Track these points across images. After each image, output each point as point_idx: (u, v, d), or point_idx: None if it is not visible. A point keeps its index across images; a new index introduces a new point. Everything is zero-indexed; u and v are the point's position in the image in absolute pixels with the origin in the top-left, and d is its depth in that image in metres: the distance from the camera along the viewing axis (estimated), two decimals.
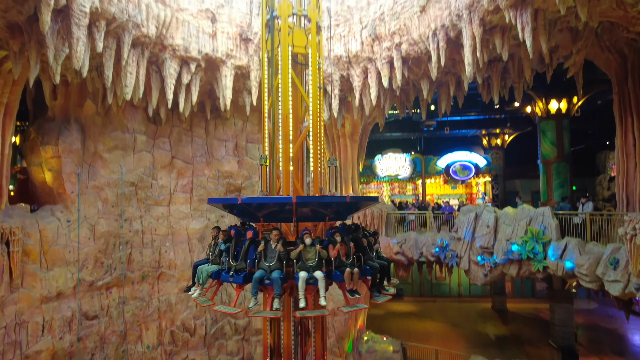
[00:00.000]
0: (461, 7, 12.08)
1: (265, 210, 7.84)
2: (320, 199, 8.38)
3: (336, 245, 6.86)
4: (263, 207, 7.82)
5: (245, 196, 15.05)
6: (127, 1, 12.15)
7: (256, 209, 7.80)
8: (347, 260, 6.88)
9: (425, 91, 16.52)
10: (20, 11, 10.64)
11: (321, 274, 6.63)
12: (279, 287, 6.58)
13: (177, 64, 14.52)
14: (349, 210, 9.09)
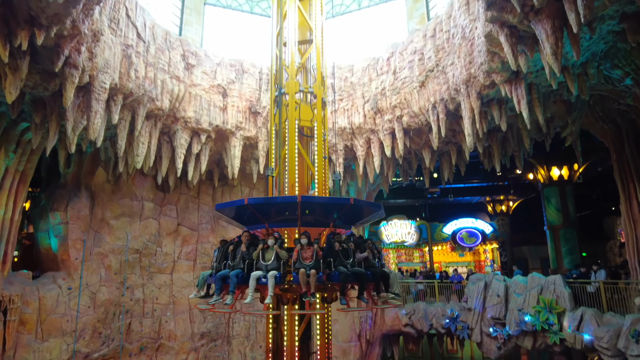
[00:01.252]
0: (459, 83, 12.78)
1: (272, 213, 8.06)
2: (324, 199, 8.63)
3: (297, 246, 7.08)
4: (269, 210, 8.03)
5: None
6: (144, 77, 13.02)
7: (262, 213, 7.99)
8: (308, 263, 6.91)
9: (427, 160, 16.92)
10: (46, 88, 11.41)
11: (274, 273, 6.78)
12: (233, 284, 6.89)
13: (188, 135, 15.16)
14: (352, 218, 9.00)
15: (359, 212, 9.02)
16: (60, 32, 9.35)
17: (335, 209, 8.22)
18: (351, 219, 9.03)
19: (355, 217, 9.07)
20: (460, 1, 12.22)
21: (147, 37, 13.12)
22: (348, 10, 19.65)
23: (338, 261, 7.15)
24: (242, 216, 8.66)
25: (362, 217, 9.26)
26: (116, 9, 11.72)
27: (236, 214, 8.85)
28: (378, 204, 9.45)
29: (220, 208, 8.67)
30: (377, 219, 10.24)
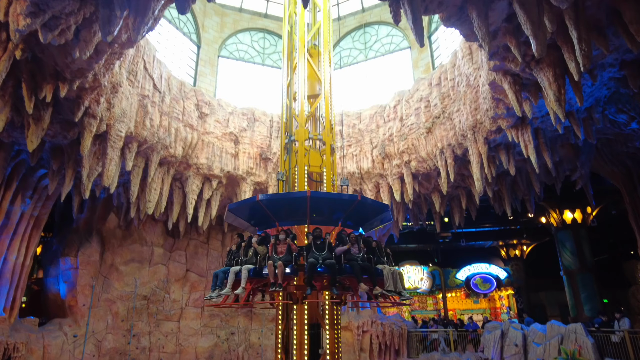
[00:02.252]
0: (465, 128, 12.99)
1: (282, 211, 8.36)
2: (333, 195, 8.98)
3: (270, 241, 7.54)
4: (280, 207, 8.35)
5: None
6: (158, 126, 13.48)
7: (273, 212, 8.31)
8: (280, 256, 7.31)
9: (437, 204, 16.87)
10: (65, 136, 11.86)
11: (247, 267, 7.41)
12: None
13: (200, 181, 15.43)
14: (361, 219, 9.09)
15: (367, 211, 9.00)
16: (82, 85, 9.87)
17: (343, 205, 8.37)
18: (360, 220, 9.12)
19: (364, 217, 9.12)
20: (464, 51, 12.69)
21: (163, 87, 13.74)
22: (355, 61, 20.47)
23: (311, 254, 7.34)
24: (255, 217, 9.03)
25: (370, 217, 9.24)
26: (135, 62, 12.39)
27: (249, 215, 9.08)
28: (385, 204, 9.55)
29: (233, 207, 8.85)
30: (386, 222, 10.18)
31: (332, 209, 8.52)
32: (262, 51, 20.50)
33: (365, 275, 7.36)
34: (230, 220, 9.54)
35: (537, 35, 6.80)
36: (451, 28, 8.39)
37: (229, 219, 9.43)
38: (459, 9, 7.58)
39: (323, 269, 7.14)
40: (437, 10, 7.49)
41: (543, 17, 6.95)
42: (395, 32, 19.67)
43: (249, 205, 8.64)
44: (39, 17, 6.41)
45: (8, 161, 12.61)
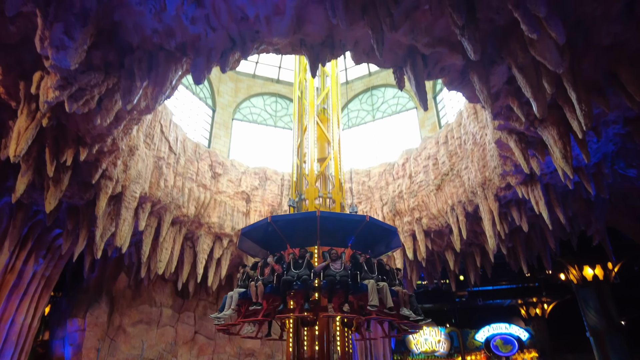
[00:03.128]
0: (474, 185, 13.04)
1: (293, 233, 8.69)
2: (342, 215, 9.10)
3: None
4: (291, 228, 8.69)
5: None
6: (172, 186, 13.81)
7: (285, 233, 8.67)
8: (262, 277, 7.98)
9: (451, 262, 16.51)
10: (82, 197, 12.19)
11: (238, 290, 8.24)
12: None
13: (211, 240, 15.47)
14: (370, 242, 9.20)
15: (375, 234, 9.14)
16: (101, 148, 10.32)
17: (352, 224, 8.62)
18: (370, 242, 9.20)
19: (373, 240, 9.21)
20: (469, 111, 13.07)
21: (178, 149, 14.25)
22: (363, 121, 21.15)
23: (303, 272, 7.63)
24: (268, 242, 9.27)
25: (378, 240, 9.32)
26: (152, 126, 12.99)
27: (262, 239, 9.39)
28: (393, 227, 9.60)
29: (246, 231, 9.28)
30: (395, 247, 10.25)
31: (342, 229, 8.71)
32: (274, 114, 21.37)
33: (343, 290, 7.36)
34: (244, 248, 9.93)
35: (537, 98, 7.04)
36: (454, 91, 8.72)
37: (242, 245, 9.73)
38: (460, 73, 7.94)
39: (299, 285, 7.40)
40: (440, 76, 7.86)
41: (541, 80, 7.23)
42: (401, 94, 20.45)
43: (262, 228, 8.89)
44: (66, 89, 6.90)
45: (26, 221, 12.90)
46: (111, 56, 6.81)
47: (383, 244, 9.56)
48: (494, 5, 6.47)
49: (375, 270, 8.09)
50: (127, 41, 6.76)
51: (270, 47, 7.00)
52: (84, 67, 6.82)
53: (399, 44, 7.15)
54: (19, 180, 10.03)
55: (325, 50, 6.93)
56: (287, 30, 6.38)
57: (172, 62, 6.83)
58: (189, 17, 6.18)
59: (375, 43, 6.08)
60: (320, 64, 7.05)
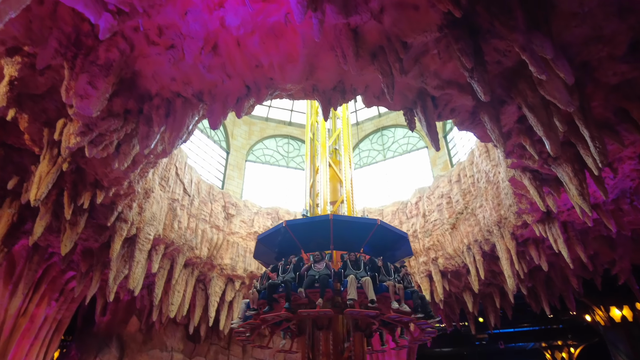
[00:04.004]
0: (490, 224, 12.82)
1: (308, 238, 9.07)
2: (354, 218, 9.46)
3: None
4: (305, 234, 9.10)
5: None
6: (186, 228, 13.88)
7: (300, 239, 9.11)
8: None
9: (469, 304, 15.96)
10: (97, 240, 12.30)
11: (245, 300, 9.03)
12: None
13: (223, 282, 15.32)
14: (380, 247, 9.56)
15: (385, 238, 9.60)
16: (117, 191, 10.52)
17: (363, 228, 9.09)
18: (381, 247, 9.59)
19: (382, 245, 9.62)
20: (480, 149, 13.09)
21: (193, 191, 14.44)
22: (374, 161, 21.30)
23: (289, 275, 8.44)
24: (283, 247, 9.67)
25: (389, 245, 9.76)
26: (167, 168, 13.26)
27: (278, 245, 9.83)
28: (403, 232, 10.02)
29: (263, 237, 9.81)
30: (407, 256, 10.60)
31: (354, 234, 9.16)
32: (286, 155, 21.69)
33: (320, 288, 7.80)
34: (260, 257, 10.39)
35: (549, 136, 7.04)
36: (466, 131, 8.79)
37: (258, 254, 10.36)
38: (471, 114, 8.04)
39: (281, 287, 8.15)
40: (450, 117, 7.96)
41: (553, 118, 7.26)
42: (411, 134, 20.68)
43: (278, 234, 9.37)
44: (87, 135, 7.16)
45: (41, 264, 12.98)
46: (130, 103, 7.09)
47: (395, 250, 10.02)
48: (501, 49, 6.64)
49: (362, 267, 8.50)
50: (146, 89, 7.06)
51: (283, 92, 7.23)
52: (105, 114, 7.10)
53: (408, 87, 7.33)
54: (37, 223, 10.22)
55: (337, 94, 7.13)
56: (300, 76, 6.61)
57: (189, 108, 7.08)
58: (206, 66, 6.46)
59: (386, 87, 6.23)
60: (332, 107, 7.22)
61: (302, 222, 9.35)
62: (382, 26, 6.21)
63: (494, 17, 5.75)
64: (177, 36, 6.04)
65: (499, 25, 5.74)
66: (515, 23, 5.51)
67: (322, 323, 8.71)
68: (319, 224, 9.01)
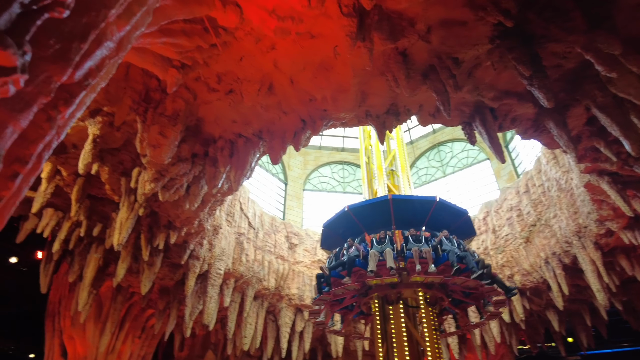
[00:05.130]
0: (568, 234, 11.90)
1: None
2: (411, 197, 9.96)
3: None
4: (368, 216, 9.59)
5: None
6: (253, 260, 14.28)
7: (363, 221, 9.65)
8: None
9: (555, 323, 14.69)
10: (172, 278, 13.00)
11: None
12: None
13: (292, 313, 15.42)
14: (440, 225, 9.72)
15: (445, 216, 9.84)
16: (189, 231, 11.14)
17: (423, 206, 9.41)
18: (440, 225, 9.81)
19: (444, 224, 9.81)
20: (547, 156, 12.35)
21: (257, 224, 14.90)
22: (433, 178, 20.77)
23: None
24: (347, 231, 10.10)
25: (449, 222, 9.91)
26: (232, 204, 13.84)
27: (343, 229, 10.28)
28: (463, 208, 10.05)
29: (328, 224, 10.36)
30: (469, 235, 10.59)
31: (414, 212, 9.51)
32: (342, 180, 21.83)
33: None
34: (327, 245, 10.98)
35: (627, 135, 6.52)
36: (530, 140, 8.39)
37: (325, 243, 11.03)
38: (534, 122, 7.68)
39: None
40: (512, 127, 7.66)
41: (629, 116, 6.73)
42: (470, 147, 20.00)
43: (342, 218, 9.89)
44: (160, 181, 7.73)
45: (124, 303, 13.90)
46: (197, 147, 7.59)
47: (456, 228, 10.12)
48: (560, 52, 6.34)
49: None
50: (210, 133, 7.53)
51: (337, 122, 7.39)
52: (175, 160, 7.64)
53: (464, 101, 7.18)
54: (119, 265, 11.06)
55: (391, 117, 7.15)
56: (353, 104, 6.73)
57: (251, 147, 7.44)
58: (263, 105, 6.79)
59: (442, 104, 6.16)
60: (387, 130, 7.23)
61: (363, 205, 9.84)
62: (431, 45, 6.20)
63: (549, 21, 5.54)
64: (235, 81, 6.43)
65: (555, 29, 5.52)
66: (573, 24, 5.27)
67: (391, 298, 9.05)
68: (380, 204, 9.43)
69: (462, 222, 9.99)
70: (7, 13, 1.29)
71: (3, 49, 1.26)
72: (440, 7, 5.62)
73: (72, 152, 8.97)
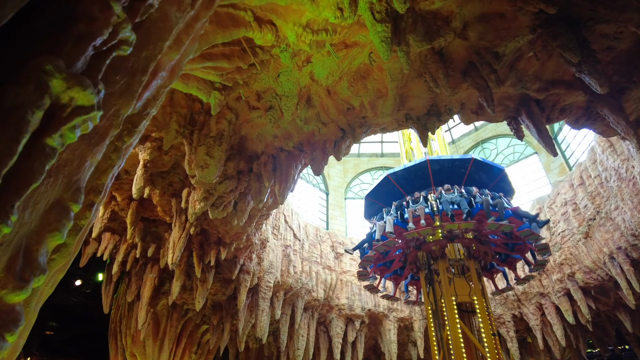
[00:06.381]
0: (634, 226, 11.09)
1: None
2: (448, 157, 10.30)
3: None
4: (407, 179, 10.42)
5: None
6: (300, 272, 14.35)
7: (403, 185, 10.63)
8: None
9: (627, 323, 13.64)
10: (224, 293, 13.29)
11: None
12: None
13: (343, 323, 15.31)
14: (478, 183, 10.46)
15: (483, 175, 10.57)
16: (238, 246, 11.37)
17: (460, 165, 10.07)
18: (479, 185, 10.49)
19: (480, 183, 10.54)
20: (602, 145, 11.63)
21: (302, 235, 15.00)
22: None
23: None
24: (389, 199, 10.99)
25: (486, 181, 10.63)
26: (277, 218, 14.02)
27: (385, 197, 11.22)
28: (500, 166, 10.76)
29: (370, 194, 11.54)
30: (509, 192, 11.28)
31: (453, 172, 10.11)
32: None
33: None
34: (369, 215, 11.88)
35: None
36: (582, 129, 7.94)
37: (367, 213, 12.00)
38: (585, 110, 7.27)
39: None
40: (561, 117, 7.29)
41: None
42: (516, 142, 19.22)
43: (382, 186, 10.85)
44: (209, 200, 7.97)
45: (179, 320, 14.36)
46: (241, 165, 7.77)
47: (494, 187, 10.84)
48: (610, 33, 5.99)
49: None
50: (253, 149, 7.70)
51: (377, 127, 7.33)
52: (222, 178, 7.86)
53: (508, 96, 6.92)
54: (173, 284, 11.45)
55: (432, 118, 7.01)
56: (392, 109, 6.66)
57: (293, 160, 7.53)
58: (302, 119, 6.87)
59: (485, 101, 5.97)
60: (430, 132, 7.10)
61: (403, 169, 10.67)
62: (469, 42, 6.04)
63: (596, 2, 5.25)
64: (274, 97, 6.56)
65: (604, 9, 5.23)
66: (625, 1, 4.96)
67: (436, 254, 9.64)
68: (419, 168, 10.10)
69: (500, 180, 10.71)
70: (83, 57, 1.40)
71: (83, 90, 1.36)
72: (476, 2, 5.47)
73: (124, 178, 9.46)
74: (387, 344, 15.29)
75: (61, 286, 17.17)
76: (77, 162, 1.57)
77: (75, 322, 20.74)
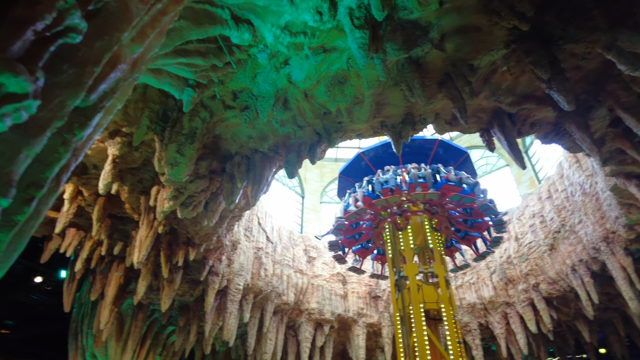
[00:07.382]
0: (595, 240, 11.50)
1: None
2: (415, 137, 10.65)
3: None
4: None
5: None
6: (272, 275, 14.21)
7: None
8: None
9: (585, 333, 14.13)
10: (191, 294, 13.01)
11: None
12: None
13: (312, 327, 15.24)
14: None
15: (449, 156, 12.07)
16: (207, 247, 11.16)
17: (426, 146, 11.66)
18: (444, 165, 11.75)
19: (446, 163, 11.98)
20: (569, 160, 12.04)
21: (275, 238, 14.86)
22: None
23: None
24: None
25: (451, 163, 12.04)
26: (250, 219, 13.85)
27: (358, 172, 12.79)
28: (464, 149, 12.20)
29: (344, 170, 13.03)
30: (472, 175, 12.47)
31: (419, 152, 11.51)
32: None
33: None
34: (342, 194, 12.77)
35: None
36: (551, 144, 8.18)
37: (341, 191, 13.17)
38: (554, 125, 7.49)
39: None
40: (531, 132, 7.48)
41: None
42: (489, 154, 19.66)
43: (355, 162, 12.29)
44: (178, 199, 7.78)
45: (144, 321, 13.96)
46: (214, 164, 7.63)
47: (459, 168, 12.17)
48: (579, 52, 6.19)
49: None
50: (226, 149, 7.57)
51: (352, 133, 7.34)
52: (192, 177, 7.69)
53: (481, 108, 7.05)
54: (139, 283, 11.12)
55: (407, 127, 7.07)
56: (368, 116, 6.68)
57: (267, 162, 7.44)
58: (279, 121, 6.80)
59: (458, 112, 6.06)
60: (404, 140, 7.15)
61: (375, 147, 11.96)
62: (446, 53, 6.12)
63: (567, 22, 5.41)
64: (250, 98, 6.46)
65: (574, 29, 5.39)
66: (593, 23, 5.13)
67: (400, 226, 10.50)
68: (389, 146, 10.91)
69: (463, 161, 12.12)
70: (20, 41, 1.31)
71: (15, 76, 1.26)
72: (454, 15, 5.55)
73: (92, 173, 9.13)
74: (355, 349, 15.31)
75: (20, 283, 16.44)
76: (9, 154, 1.46)
77: (35, 320, 19.88)
